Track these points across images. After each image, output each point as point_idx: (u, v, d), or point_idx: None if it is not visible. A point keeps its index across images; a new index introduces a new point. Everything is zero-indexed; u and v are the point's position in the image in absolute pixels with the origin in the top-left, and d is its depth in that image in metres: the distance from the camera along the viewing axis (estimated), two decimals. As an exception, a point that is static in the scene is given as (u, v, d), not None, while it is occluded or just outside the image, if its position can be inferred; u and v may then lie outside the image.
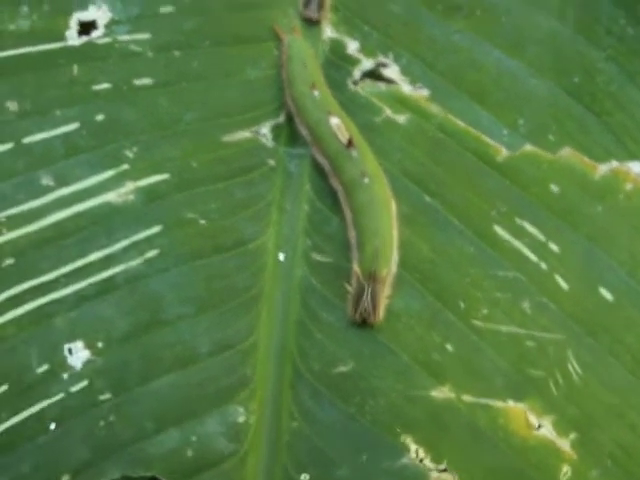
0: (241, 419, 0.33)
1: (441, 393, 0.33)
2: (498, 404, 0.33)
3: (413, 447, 0.32)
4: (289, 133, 0.38)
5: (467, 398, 0.33)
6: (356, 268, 0.34)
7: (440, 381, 0.33)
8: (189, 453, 0.32)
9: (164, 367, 0.33)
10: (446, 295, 0.35)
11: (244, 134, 0.38)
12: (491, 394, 0.33)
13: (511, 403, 0.33)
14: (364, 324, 0.34)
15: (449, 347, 0.34)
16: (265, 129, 0.38)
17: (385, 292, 0.34)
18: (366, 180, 0.35)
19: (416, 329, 0.34)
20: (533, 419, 0.32)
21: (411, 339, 0.34)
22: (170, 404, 0.33)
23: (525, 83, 0.39)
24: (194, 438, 0.32)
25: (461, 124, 0.38)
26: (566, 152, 0.37)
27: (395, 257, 0.35)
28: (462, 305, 0.34)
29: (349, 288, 0.34)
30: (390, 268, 0.34)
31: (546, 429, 0.32)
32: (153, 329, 0.34)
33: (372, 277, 0.33)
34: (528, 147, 0.37)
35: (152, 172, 0.36)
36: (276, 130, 0.38)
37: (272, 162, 0.38)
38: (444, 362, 0.33)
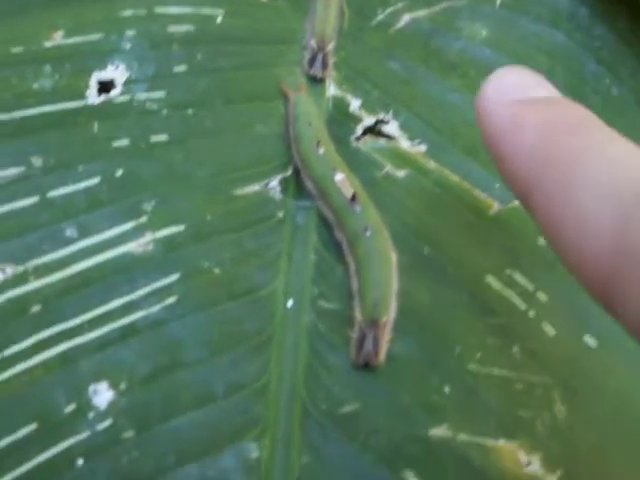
0: (254, 455, 0.35)
1: (439, 432, 0.35)
2: (491, 442, 0.35)
3: (413, 481, 0.35)
4: (296, 186, 0.40)
5: (462, 437, 0.35)
6: (358, 315, 0.37)
7: (438, 421, 0.35)
8: (207, 487, 0.34)
9: (183, 406, 0.35)
10: (442, 340, 0.37)
11: (254, 187, 0.40)
12: (484, 433, 0.35)
13: (502, 442, 0.35)
14: (367, 367, 0.36)
15: (446, 389, 0.36)
16: (274, 183, 0.40)
17: (385, 337, 0.36)
18: (368, 233, 0.37)
19: (416, 372, 0.36)
20: (523, 457, 0.35)
21: (411, 381, 0.36)
22: (189, 441, 0.35)
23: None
24: (211, 472, 0.34)
25: (455, 179, 0.40)
26: None
27: (394, 305, 0.37)
28: (457, 350, 0.37)
29: (352, 334, 0.37)
30: (389, 315, 0.36)
31: (535, 466, 0.35)
32: (172, 371, 0.36)
33: (373, 324, 0.36)
34: (517, 202, 0.39)
35: (169, 224, 0.39)
36: (284, 184, 0.40)
37: (280, 214, 0.40)
38: (442, 403, 0.36)
